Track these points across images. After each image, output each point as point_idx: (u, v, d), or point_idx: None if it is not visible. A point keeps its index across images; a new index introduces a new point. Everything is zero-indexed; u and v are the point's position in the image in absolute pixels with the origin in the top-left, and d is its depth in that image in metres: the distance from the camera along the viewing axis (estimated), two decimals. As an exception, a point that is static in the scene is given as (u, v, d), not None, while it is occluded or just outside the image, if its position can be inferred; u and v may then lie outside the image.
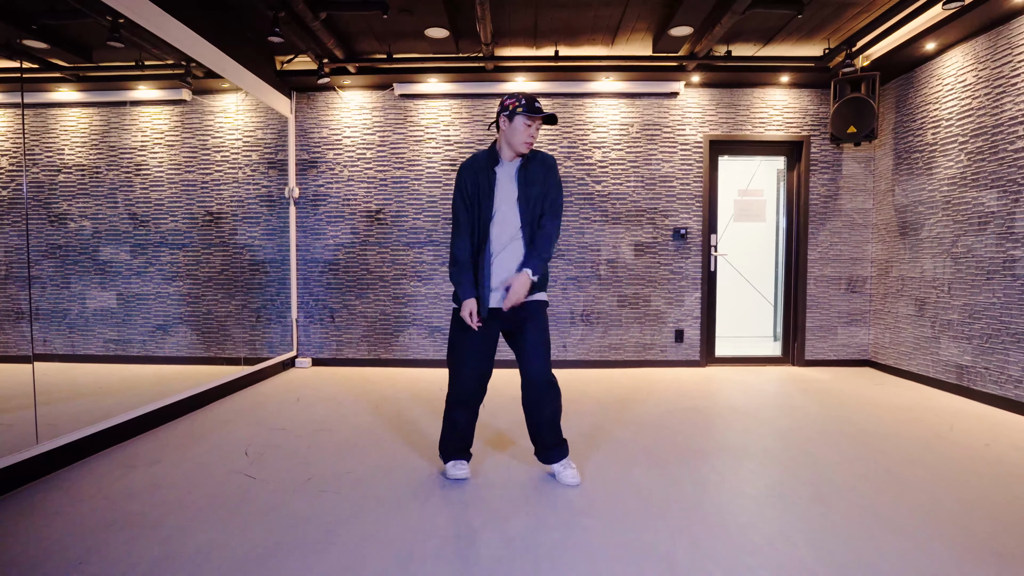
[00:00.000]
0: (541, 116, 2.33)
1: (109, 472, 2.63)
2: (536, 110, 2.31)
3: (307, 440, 3.11)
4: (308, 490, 2.43)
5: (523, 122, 2.32)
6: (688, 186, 5.11)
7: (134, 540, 1.99)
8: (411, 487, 2.47)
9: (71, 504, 2.28)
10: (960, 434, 3.21)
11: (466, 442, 2.59)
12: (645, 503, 2.31)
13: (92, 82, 4.05)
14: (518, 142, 2.34)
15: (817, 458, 2.83)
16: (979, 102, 3.93)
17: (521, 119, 2.32)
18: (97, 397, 3.58)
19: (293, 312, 5.24)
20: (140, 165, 4.10)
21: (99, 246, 3.97)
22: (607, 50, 4.72)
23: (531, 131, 2.33)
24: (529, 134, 2.33)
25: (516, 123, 2.32)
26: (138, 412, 3.24)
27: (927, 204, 4.43)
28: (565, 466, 2.54)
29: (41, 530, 2.06)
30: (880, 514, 2.20)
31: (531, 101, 2.33)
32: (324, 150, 5.20)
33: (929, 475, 2.60)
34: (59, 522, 2.13)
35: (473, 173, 2.38)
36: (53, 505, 2.28)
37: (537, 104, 2.34)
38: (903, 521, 2.14)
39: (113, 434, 3.02)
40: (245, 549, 1.93)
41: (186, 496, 2.37)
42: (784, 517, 2.18)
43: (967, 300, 4.03)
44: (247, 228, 4.67)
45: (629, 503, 2.31)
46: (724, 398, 4.06)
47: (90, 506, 2.26)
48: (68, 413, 3.06)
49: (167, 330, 4.32)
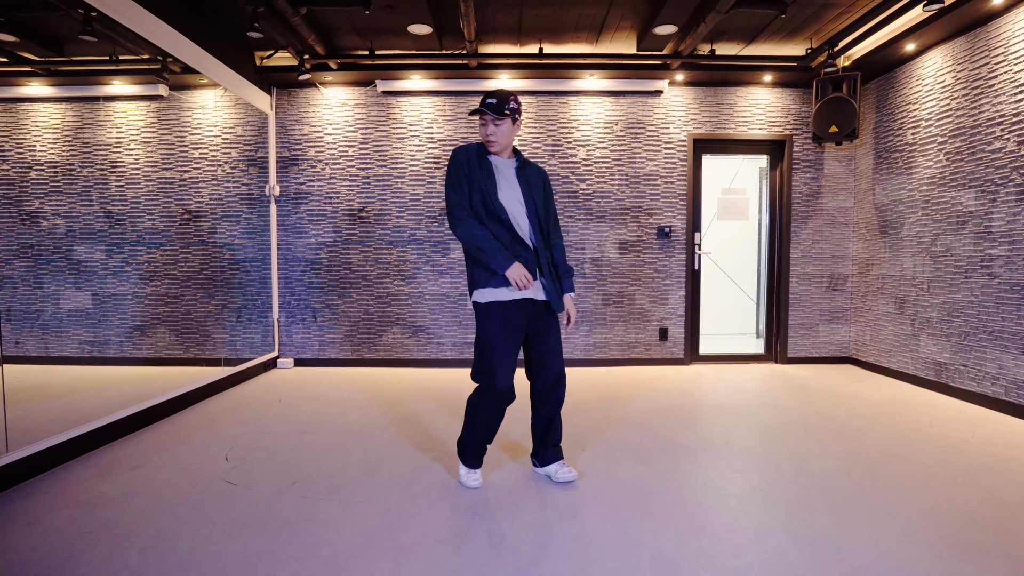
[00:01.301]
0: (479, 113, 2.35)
1: (86, 479, 2.57)
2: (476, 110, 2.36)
3: (290, 443, 3.06)
4: (292, 495, 2.39)
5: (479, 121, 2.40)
6: (672, 184, 5.12)
7: (111, 551, 1.94)
8: (397, 489, 2.44)
9: (44, 513, 2.22)
10: (939, 429, 3.26)
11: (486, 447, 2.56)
12: (632, 502, 2.30)
13: (64, 76, 3.95)
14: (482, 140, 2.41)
15: (800, 454, 2.85)
16: (958, 103, 3.98)
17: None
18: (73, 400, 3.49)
19: (274, 312, 5.16)
20: (115, 162, 4.01)
21: (73, 245, 3.89)
22: (592, 48, 4.71)
23: (485, 129, 2.37)
24: (484, 132, 2.38)
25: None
26: (117, 416, 3.16)
27: (907, 203, 4.49)
28: (560, 465, 2.56)
29: (13, 542, 2.00)
30: (861, 509, 2.22)
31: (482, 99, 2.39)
32: (305, 147, 5.13)
33: (909, 470, 2.63)
34: (32, 533, 2.06)
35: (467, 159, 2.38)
36: (25, 515, 2.21)
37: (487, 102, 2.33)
38: (884, 515, 2.17)
39: (90, 439, 2.94)
40: (228, 559, 1.89)
41: (166, 503, 2.31)
42: (768, 513, 2.19)
43: (946, 298, 4.09)
44: (227, 227, 4.59)
45: (617, 502, 2.30)
46: (709, 396, 4.09)
47: (64, 515, 2.20)
48: (43, 417, 2.99)
49: (145, 331, 4.24)
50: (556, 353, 2.48)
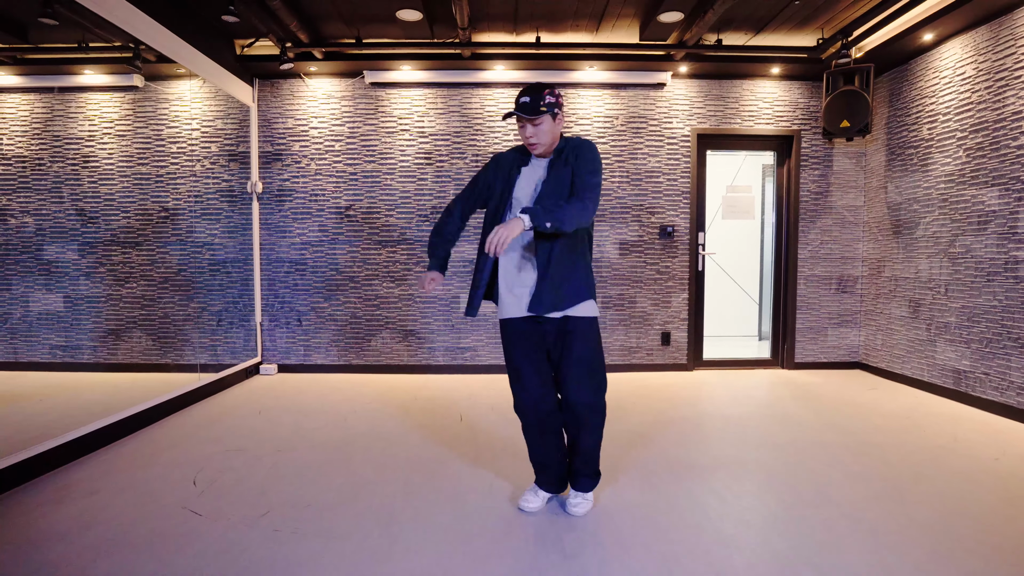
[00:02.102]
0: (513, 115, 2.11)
1: (37, 507, 2.31)
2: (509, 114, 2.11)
3: (266, 463, 2.81)
4: (263, 528, 2.14)
5: (518, 124, 2.16)
6: (675, 182, 4.89)
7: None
8: (379, 520, 2.19)
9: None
10: (965, 445, 3.04)
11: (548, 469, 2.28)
12: (640, 536, 2.07)
13: (31, 65, 3.70)
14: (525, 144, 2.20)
15: (819, 475, 2.63)
16: (979, 96, 3.76)
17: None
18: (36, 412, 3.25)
19: (257, 315, 4.90)
20: (88, 156, 3.79)
21: (43, 244, 3.66)
22: (592, 37, 4.46)
23: (524, 132, 2.14)
24: (523, 136, 2.15)
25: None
26: (78, 433, 2.89)
27: (922, 202, 4.27)
28: (575, 495, 2.30)
29: (-62, 589, 1.75)
30: (896, 544, 1.99)
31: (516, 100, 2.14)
32: (289, 142, 4.86)
33: (942, 495, 2.41)
34: (-38, 577, 1.81)
35: (497, 163, 2.27)
36: (-41, 554, 1.96)
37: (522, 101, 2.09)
38: (924, 553, 1.94)
39: (46, 460, 2.68)
40: (181, 611, 1.65)
41: (122, 536, 2.06)
42: (794, 548, 1.96)
43: (965, 302, 3.87)
44: (206, 225, 4.35)
45: (623, 538, 2.07)
46: (715, 406, 3.86)
47: (7, 553, 1.95)
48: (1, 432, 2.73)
49: (120, 335, 4.02)
50: (573, 379, 2.13)
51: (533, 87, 2.11)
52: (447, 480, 2.59)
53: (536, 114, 2.06)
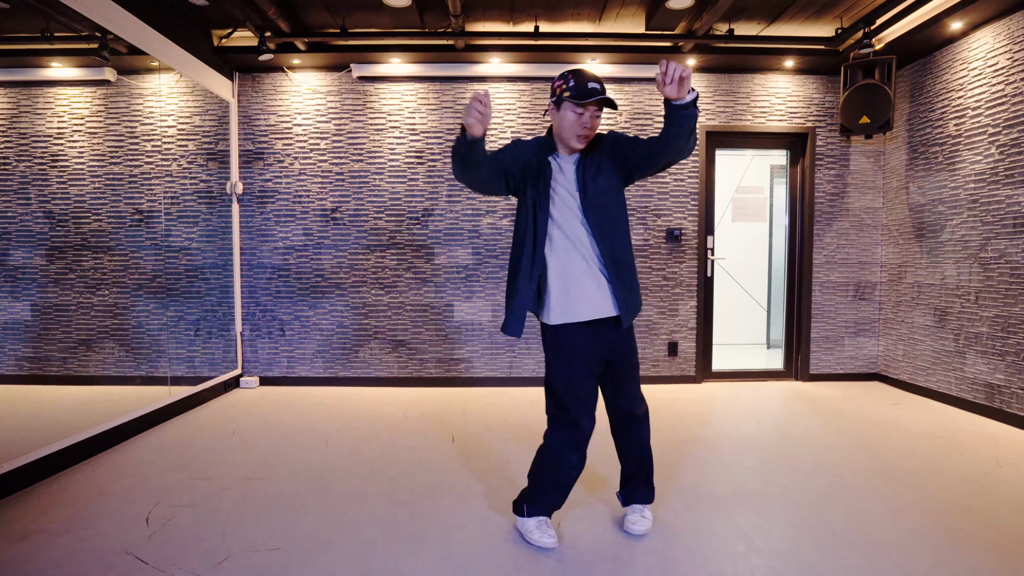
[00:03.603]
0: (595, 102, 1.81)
1: (-43, 554, 2.00)
2: (587, 94, 1.80)
3: (232, 494, 2.50)
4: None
5: (572, 109, 1.84)
6: (683, 182, 4.59)
7: None
8: (356, 568, 1.89)
9: None
10: (1011, 471, 2.74)
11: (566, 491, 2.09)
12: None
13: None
14: (569, 135, 1.87)
15: (856, 509, 2.33)
16: (1014, 88, 3.47)
17: (569, 106, 1.84)
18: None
19: (237, 324, 4.59)
20: (56, 155, 3.55)
21: (9, 249, 3.40)
22: (594, 27, 4.17)
23: (583, 120, 1.84)
24: (581, 124, 1.84)
25: (564, 111, 1.87)
26: (21, 461, 2.58)
27: (948, 203, 3.98)
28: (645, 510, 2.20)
29: None
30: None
31: (582, 82, 1.82)
32: (272, 139, 4.56)
33: (995, 532, 2.11)
34: None
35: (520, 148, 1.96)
36: None
37: (592, 86, 1.81)
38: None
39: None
40: None
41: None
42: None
43: (999, 311, 3.58)
44: (183, 229, 4.08)
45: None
46: (728, 424, 3.56)
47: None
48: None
49: (91, 346, 3.76)
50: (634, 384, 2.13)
51: (596, 76, 1.86)
52: (435, 516, 2.28)
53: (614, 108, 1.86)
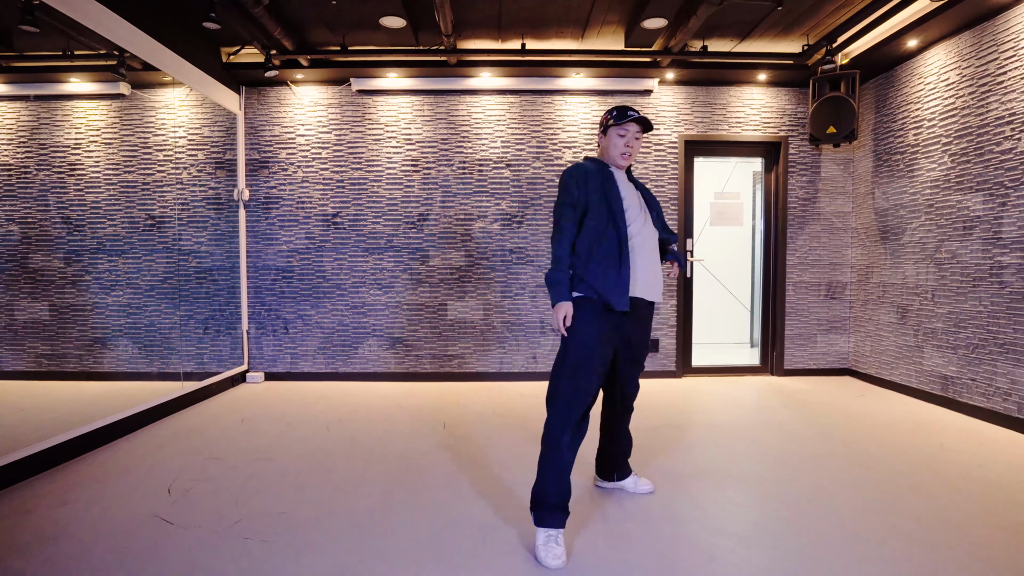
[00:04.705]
0: (632, 120, 2.24)
1: (3, 518, 2.27)
2: (625, 115, 2.24)
3: (244, 472, 2.77)
4: (232, 537, 2.11)
5: (616, 133, 2.28)
6: (663, 188, 4.88)
7: (5, 616, 1.65)
8: (353, 533, 2.16)
9: (-58, 565, 1.93)
10: (951, 453, 3.01)
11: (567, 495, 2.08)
12: (615, 546, 2.04)
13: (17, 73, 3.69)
14: (615, 154, 2.30)
15: (807, 484, 2.60)
16: (963, 101, 3.76)
17: (614, 131, 2.29)
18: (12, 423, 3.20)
19: (244, 323, 4.87)
20: (74, 164, 3.79)
21: (29, 253, 3.64)
22: (577, 44, 4.46)
23: (626, 140, 2.28)
24: (625, 143, 2.28)
25: (610, 135, 2.30)
26: (51, 442, 2.85)
27: (909, 208, 4.26)
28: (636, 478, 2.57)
29: None
30: (880, 555, 1.96)
31: (623, 110, 2.28)
32: (276, 149, 4.85)
33: (925, 505, 2.38)
34: (-81, 591, 1.77)
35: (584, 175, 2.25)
36: (-81, 567, 1.92)
37: (631, 113, 2.25)
38: (905, 564, 1.91)
39: (14, 472, 2.64)
40: (140, 625, 1.61)
41: (87, 549, 2.02)
42: (776, 562, 1.93)
43: (952, 308, 3.85)
44: (193, 233, 4.33)
45: (598, 545, 2.03)
46: (702, 413, 3.83)
47: (-36, 567, 1.91)
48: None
49: (106, 344, 3.99)
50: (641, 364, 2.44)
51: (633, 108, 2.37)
52: (426, 492, 2.55)
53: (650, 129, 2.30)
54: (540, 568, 1.90)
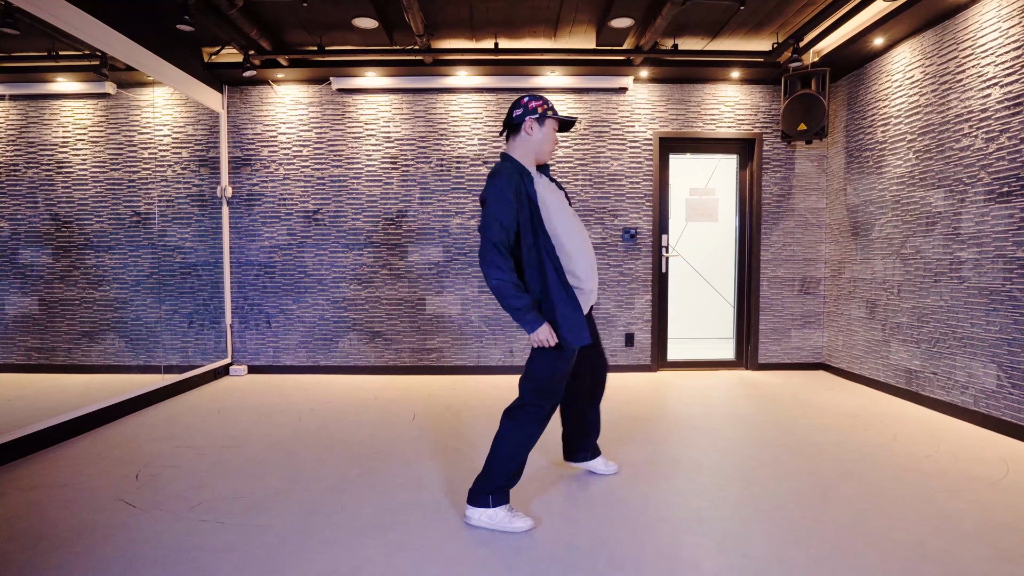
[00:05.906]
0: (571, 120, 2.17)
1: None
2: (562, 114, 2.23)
3: (211, 459, 2.88)
4: (189, 519, 2.21)
5: (552, 126, 2.14)
6: (638, 185, 4.95)
7: (-38, 587, 1.76)
8: (304, 513, 2.26)
9: (-90, 542, 2.04)
10: (903, 444, 3.09)
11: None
12: (559, 523, 2.13)
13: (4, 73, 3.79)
14: (549, 148, 2.15)
15: (751, 474, 2.68)
16: (926, 99, 3.82)
17: (551, 124, 2.14)
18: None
19: (227, 317, 4.98)
20: (62, 162, 3.89)
21: (18, 248, 3.74)
22: (550, 43, 4.53)
23: (556, 136, 2.17)
24: (555, 140, 2.17)
25: (547, 128, 2.13)
26: (26, 431, 2.97)
27: (877, 204, 4.32)
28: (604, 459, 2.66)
29: None
30: (803, 539, 2.04)
31: (552, 104, 2.16)
32: (258, 147, 4.95)
33: (863, 493, 2.46)
34: None
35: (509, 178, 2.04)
36: None
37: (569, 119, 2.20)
38: (826, 547, 1.99)
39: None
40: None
41: (51, 528, 2.13)
42: (699, 541, 2.01)
43: (916, 303, 3.92)
44: (177, 229, 4.43)
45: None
46: (671, 406, 3.91)
47: (-69, 544, 2.02)
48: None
49: (93, 337, 4.10)
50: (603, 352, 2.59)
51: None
52: (381, 476, 2.65)
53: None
54: (476, 548, 1.99)
